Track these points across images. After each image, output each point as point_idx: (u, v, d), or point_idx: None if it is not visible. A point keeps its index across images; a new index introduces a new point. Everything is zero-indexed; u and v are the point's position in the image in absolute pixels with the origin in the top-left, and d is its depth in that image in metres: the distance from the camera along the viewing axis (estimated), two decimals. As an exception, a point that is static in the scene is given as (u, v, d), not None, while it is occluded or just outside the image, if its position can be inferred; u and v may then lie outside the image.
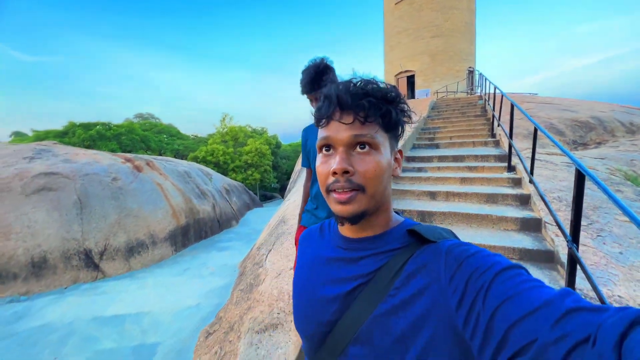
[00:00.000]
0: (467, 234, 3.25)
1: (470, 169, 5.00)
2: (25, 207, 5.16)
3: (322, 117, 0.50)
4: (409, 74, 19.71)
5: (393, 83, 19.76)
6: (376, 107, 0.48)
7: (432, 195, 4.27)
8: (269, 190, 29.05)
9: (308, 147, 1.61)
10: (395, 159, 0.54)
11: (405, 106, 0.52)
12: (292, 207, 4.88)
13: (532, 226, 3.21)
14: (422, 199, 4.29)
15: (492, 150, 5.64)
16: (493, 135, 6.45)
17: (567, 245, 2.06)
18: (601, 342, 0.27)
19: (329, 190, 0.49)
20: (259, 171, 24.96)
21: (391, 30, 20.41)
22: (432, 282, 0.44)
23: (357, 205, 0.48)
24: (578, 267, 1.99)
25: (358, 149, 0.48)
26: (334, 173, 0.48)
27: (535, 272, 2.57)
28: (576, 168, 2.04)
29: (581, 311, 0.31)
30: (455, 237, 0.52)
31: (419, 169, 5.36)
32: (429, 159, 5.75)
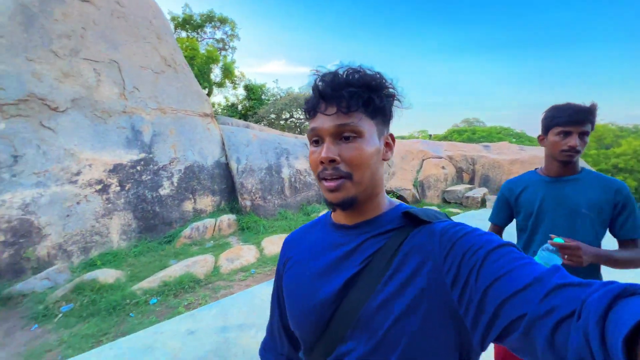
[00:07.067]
0: None
1: None
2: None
3: (309, 110, 0.53)
4: None
5: None
6: (357, 96, 0.49)
7: None
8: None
9: (519, 205, 1.38)
10: (386, 144, 0.55)
11: (392, 91, 0.52)
12: None
13: None
14: None
15: None
16: None
17: None
18: (585, 317, 0.29)
19: (320, 179, 0.52)
20: (634, 177, 17.36)
21: None
22: (427, 262, 0.46)
23: (346, 192, 0.50)
24: None
25: (344, 138, 0.50)
26: (322, 162, 0.50)
27: None
28: None
29: (568, 287, 0.33)
30: (449, 218, 0.53)
31: None
32: None
